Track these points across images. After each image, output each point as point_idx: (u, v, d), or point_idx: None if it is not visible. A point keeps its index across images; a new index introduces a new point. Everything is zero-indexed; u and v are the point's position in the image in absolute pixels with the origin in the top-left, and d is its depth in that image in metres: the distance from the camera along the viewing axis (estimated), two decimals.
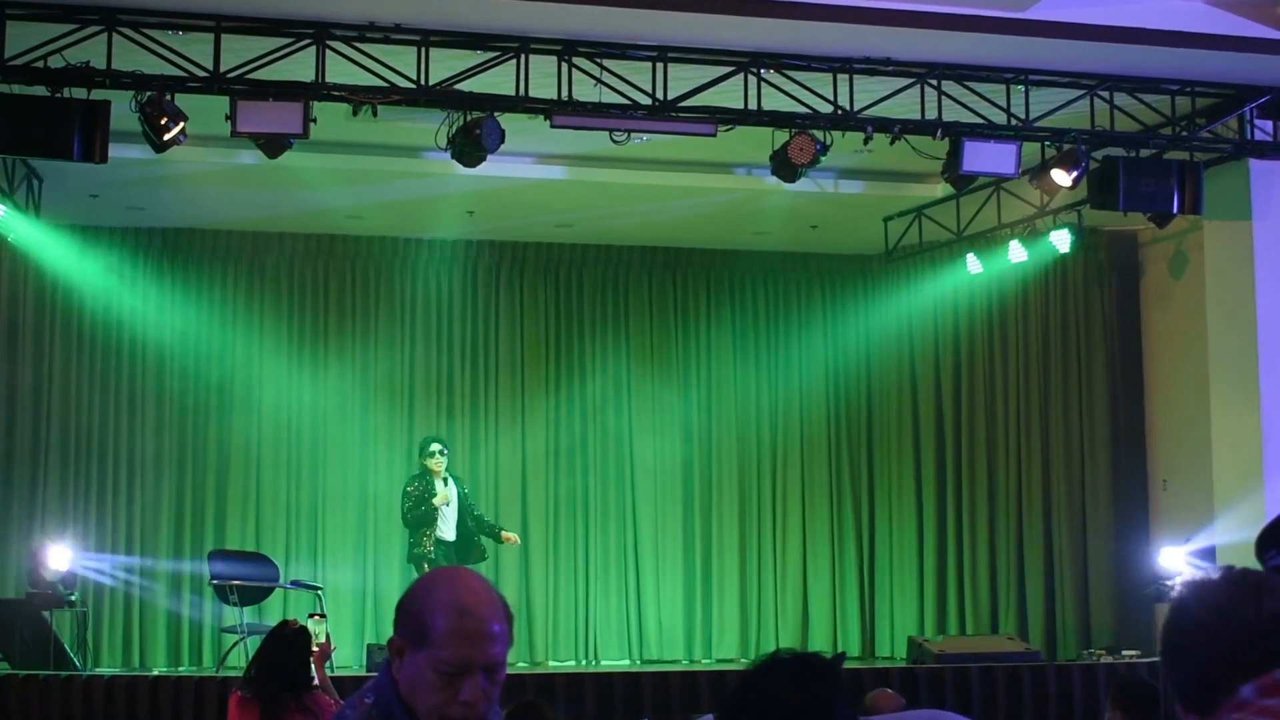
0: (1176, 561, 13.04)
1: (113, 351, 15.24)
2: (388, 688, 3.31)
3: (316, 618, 8.98)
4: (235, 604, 12.87)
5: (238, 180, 13.80)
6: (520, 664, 15.28)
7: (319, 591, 13.72)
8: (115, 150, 11.23)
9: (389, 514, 15.45)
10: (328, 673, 9.12)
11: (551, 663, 15.38)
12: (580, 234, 16.03)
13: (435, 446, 13.83)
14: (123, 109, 10.65)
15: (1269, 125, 12.55)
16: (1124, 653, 13.99)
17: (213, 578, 13.29)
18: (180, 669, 14.58)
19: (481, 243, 16.09)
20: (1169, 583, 12.51)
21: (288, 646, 7.99)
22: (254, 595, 13.12)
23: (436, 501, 13.56)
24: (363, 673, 11.65)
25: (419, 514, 13.63)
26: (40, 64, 10.42)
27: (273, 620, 10.74)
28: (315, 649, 8.53)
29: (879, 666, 12.66)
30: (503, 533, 13.98)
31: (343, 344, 15.77)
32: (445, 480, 13.72)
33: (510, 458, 15.97)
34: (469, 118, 11.07)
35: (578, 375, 16.26)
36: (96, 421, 15.20)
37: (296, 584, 13.80)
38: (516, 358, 16.14)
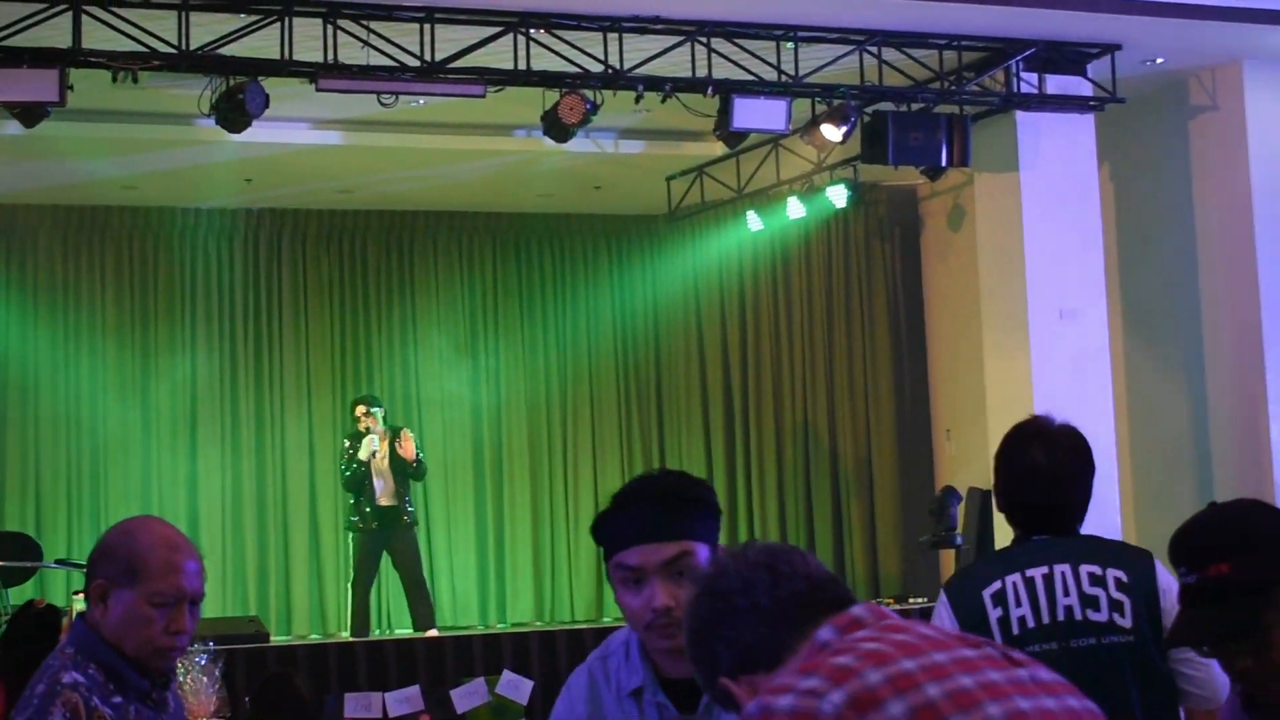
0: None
1: None
2: (87, 634, 3.58)
3: (81, 595, 8.76)
4: None
5: (4, 151, 13.44)
6: (313, 635, 15.16)
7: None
8: None
9: (172, 493, 15.25)
10: None
11: (344, 634, 15.24)
12: (362, 200, 15.84)
13: (359, 409, 13.61)
14: None
15: (1034, 78, 12.75)
16: (911, 600, 14.21)
17: None
18: None
19: (262, 211, 15.84)
20: (945, 530, 12.71)
21: (33, 626, 7.82)
22: (16, 576, 12.78)
23: (361, 455, 13.35)
24: None
25: (347, 477, 13.50)
26: None
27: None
28: None
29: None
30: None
31: (121, 317, 15.43)
32: (369, 431, 13.43)
33: (297, 431, 15.76)
34: (232, 82, 10.89)
35: (364, 342, 16.08)
36: None
37: (63, 563, 13.50)
38: (301, 327, 15.91)
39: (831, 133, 12.19)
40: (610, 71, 11.59)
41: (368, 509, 13.48)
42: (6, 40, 10.43)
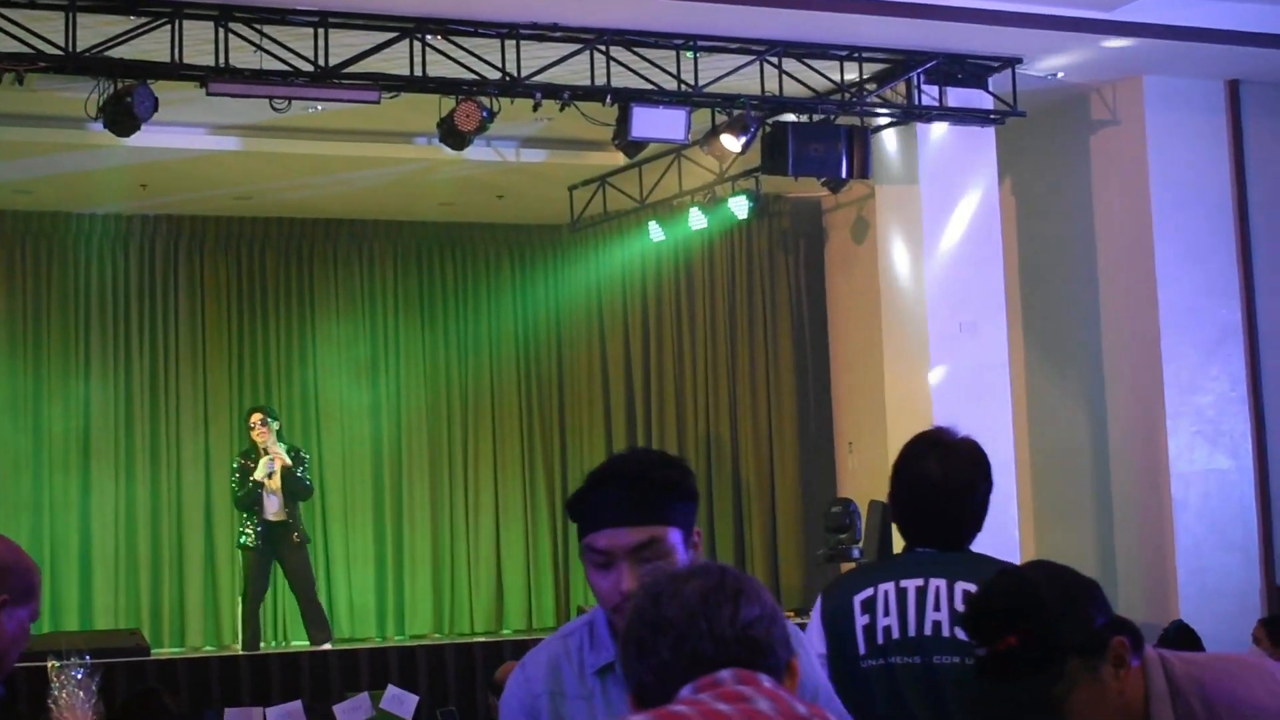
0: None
1: None
2: None
3: None
4: None
5: None
6: (208, 647, 14.96)
7: None
8: None
9: (64, 493, 15.02)
10: None
11: (236, 646, 15.02)
12: (261, 207, 15.66)
13: (255, 418, 13.43)
14: None
15: (935, 91, 12.72)
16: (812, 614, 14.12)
17: None
18: None
19: (159, 217, 15.62)
20: (842, 542, 12.66)
21: None
22: None
23: (257, 476, 13.16)
24: None
25: (239, 496, 13.37)
26: None
27: None
28: None
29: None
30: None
31: (14, 322, 15.17)
32: (268, 453, 13.27)
33: (194, 442, 15.54)
34: (120, 85, 10.69)
35: (262, 352, 15.90)
36: None
37: None
38: (198, 337, 15.69)
39: (731, 143, 12.12)
40: (508, 79, 11.47)
41: (257, 525, 13.30)
42: None
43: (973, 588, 3.92)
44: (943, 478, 4.03)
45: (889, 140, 13.13)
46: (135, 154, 12.96)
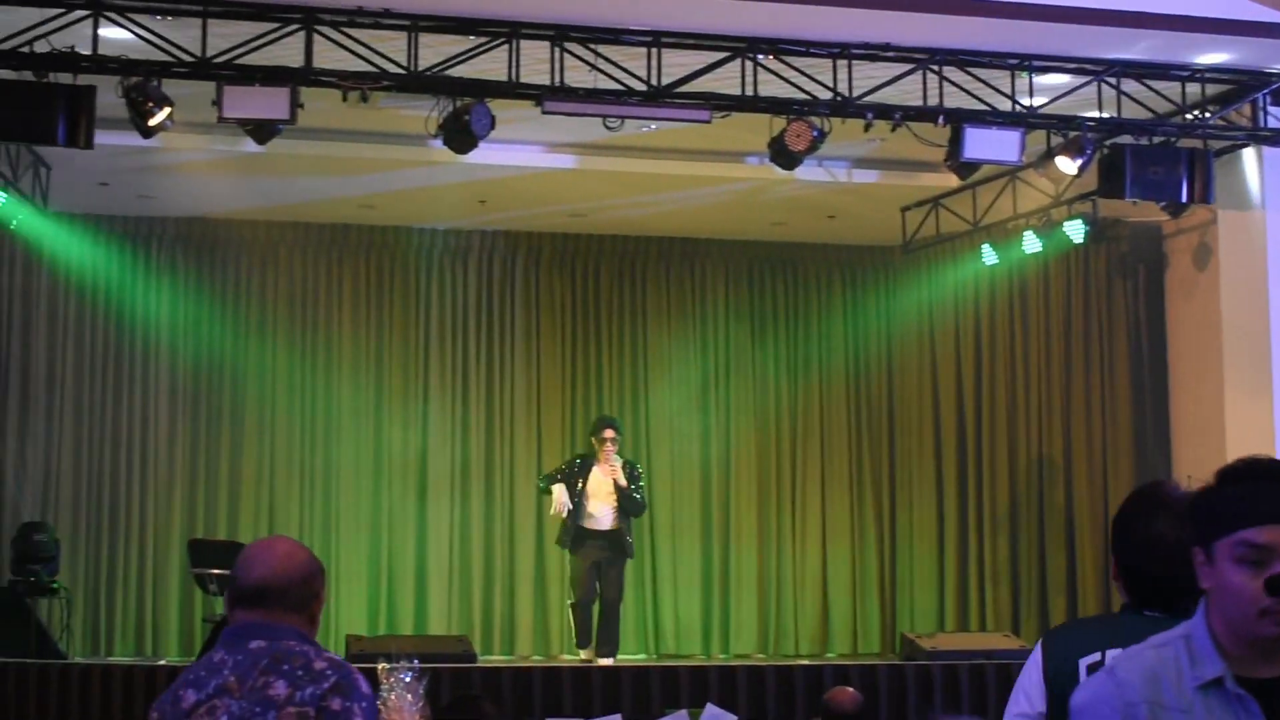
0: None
1: (125, 341, 15.21)
2: None
3: None
4: (215, 593, 12.76)
5: (246, 168, 13.72)
6: (535, 657, 15.18)
7: None
8: (116, 137, 11.28)
9: (402, 503, 15.44)
10: None
11: (564, 656, 15.23)
12: (595, 224, 15.90)
13: (608, 433, 13.52)
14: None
15: None
16: None
17: (192, 566, 13.20)
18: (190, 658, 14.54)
19: (496, 233, 15.98)
20: None
21: None
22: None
23: (551, 511, 13.58)
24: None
25: (541, 484, 13.72)
26: (26, 49, 10.37)
27: None
28: None
29: (864, 662, 12.46)
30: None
31: (357, 334, 15.69)
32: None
33: (527, 457, 15.83)
34: (459, 104, 10.96)
35: (594, 368, 16.15)
36: (110, 412, 15.16)
37: None
38: (532, 350, 16.01)
39: (1067, 165, 11.87)
40: (839, 99, 11.44)
41: (576, 532, 13.45)
42: (240, 59, 10.62)
43: None
44: (1176, 540, 3.82)
45: (1233, 164, 12.70)
46: (474, 170, 13.27)
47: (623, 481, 13.30)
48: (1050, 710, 3.89)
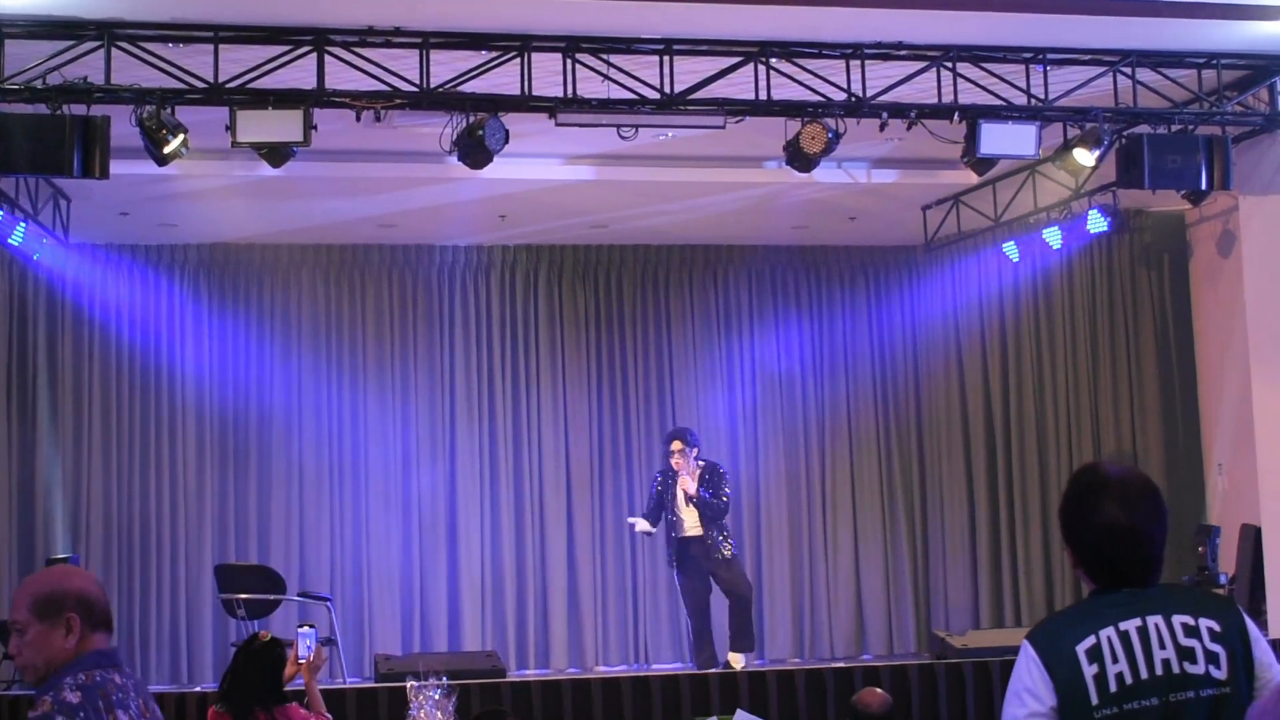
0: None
1: (151, 369, 15.25)
2: None
3: (306, 628, 8.88)
4: (243, 618, 12.77)
5: (265, 193, 13.75)
6: (571, 670, 15.17)
7: (328, 602, 13.66)
8: (133, 167, 11.30)
9: (432, 523, 15.44)
10: (342, 682, 9.03)
11: (600, 667, 15.23)
12: (616, 234, 15.89)
13: (675, 445, 13.63)
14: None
15: None
16: None
17: (220, 592, 13.22)
18: None
19: (517, 247, 15.99)
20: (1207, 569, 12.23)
21: (255, 659, 7.94)
22: (261, 608, 12.99)
23: (639, 529, 13.67)
24: (372, 684, 11.51)
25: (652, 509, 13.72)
26: (39, 82, 10.40)
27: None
28: (304, 661, 8.46)
29: (895, 663, 12.39)
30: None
31: (381, 354, 15.71)
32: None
33: (554, 462, 15.85)
34: (473, 119, 10.97)
35: (620, 377, 16.13)
36: (138, 440, 15.19)
37: (305, 595, 13.71)
38: (558, 362, 16.01)
39: (1084, 157, 11.82)
40: (853, 99, 11.41)
41: (674, 545, 13.54)
42: (252, 83, 10.64)
43: (1189, 619, 3.93)
44: (1129, 521, 3.98)
45: (1252, 149, 12.64)
46: (493, 185, 13.30)
47: (690, 490, 13.30)
48: (1060, 703, 3.90)
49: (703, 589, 13.54)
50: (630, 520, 13.70)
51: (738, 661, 13.22)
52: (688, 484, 13.34)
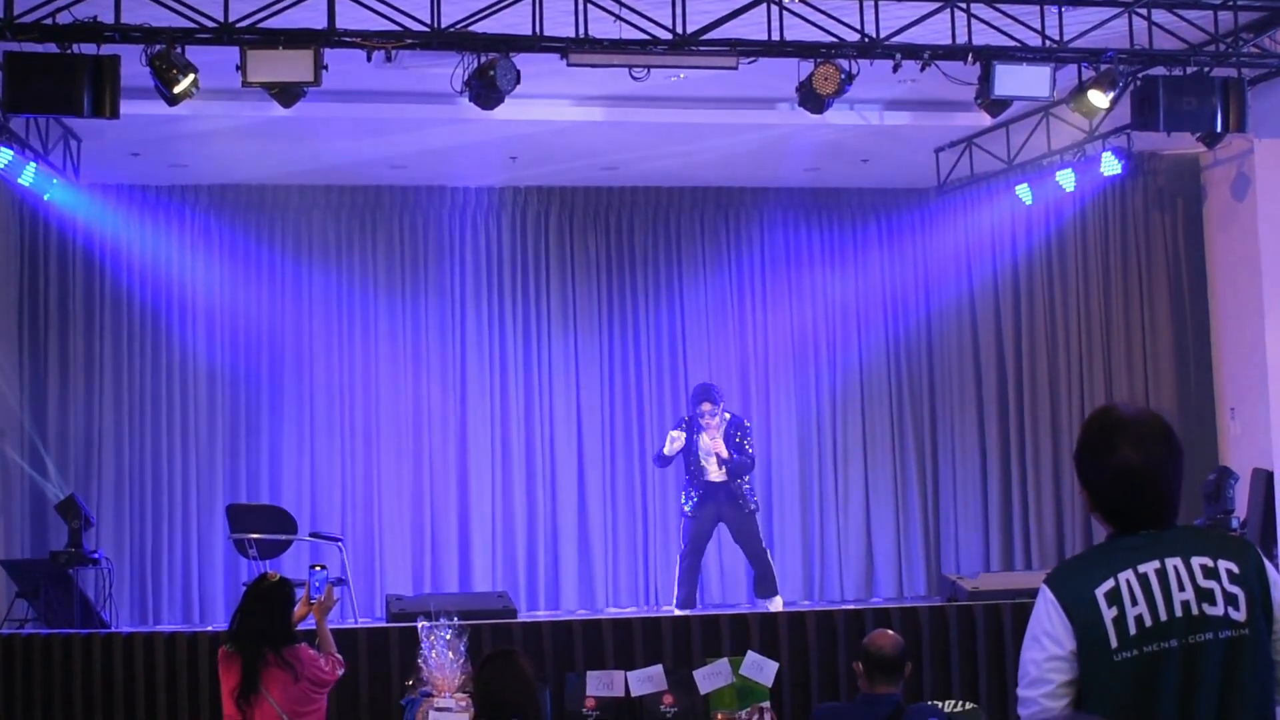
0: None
1: (163, 309, 15.24)
2: None
3: (318, 569, 8.89)
4: (254, 558, 12.79)
5: (276, 133, 13.68)
6: (581, 611, 15.20)
7: (339, 543, 13.68)
8: (144, 107, 11.25)
9: (443, 465, 15.45)
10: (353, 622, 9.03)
11: (610, 609, 15.24)
12: (627, 176, 15.82)
13: (704, 406, 13.35)
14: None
15: None
16: None
17: (231, 532, 13.24)
18: None
19: (529, 189, 15.93)
20: (1220, 512, 12.21)
21: (263, 600, 7.95)
22: (272, 548, 13.01)
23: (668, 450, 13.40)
24: (384, 624, 11.52)
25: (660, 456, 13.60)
26: (49, 21, 10.34)
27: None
28: (315, 601, 8.47)
29: (906, 605, 12.38)
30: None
31: (393, 295, 15.68)
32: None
33: (565, 403, 15.85)
34: (484, 59, 10.91)
35: (630, 319, 16.09)
36: (149, 380, 15.19)
37: (316, 536, 13.72)
38: (568, 304, 15.97)
39: (1099, 99, 11.73)
40: (866, 40, 11.33)
41: (698, 489, 13.38)
42: (262, 22, 10.58)
43: (1208, 561, 3.93)
44: (1144, 463, 3.97)
45: (1268, 92, 12.55)
46: (504, 127, 13.27)
47: (724, 453, 13.22)
48: (1080, 646, 3.90)
49: (709, 532, 13.51)
50: (672, 434, 13.47)
51: (778, 604, 13.22)
52: (720, 447, 13.22)
